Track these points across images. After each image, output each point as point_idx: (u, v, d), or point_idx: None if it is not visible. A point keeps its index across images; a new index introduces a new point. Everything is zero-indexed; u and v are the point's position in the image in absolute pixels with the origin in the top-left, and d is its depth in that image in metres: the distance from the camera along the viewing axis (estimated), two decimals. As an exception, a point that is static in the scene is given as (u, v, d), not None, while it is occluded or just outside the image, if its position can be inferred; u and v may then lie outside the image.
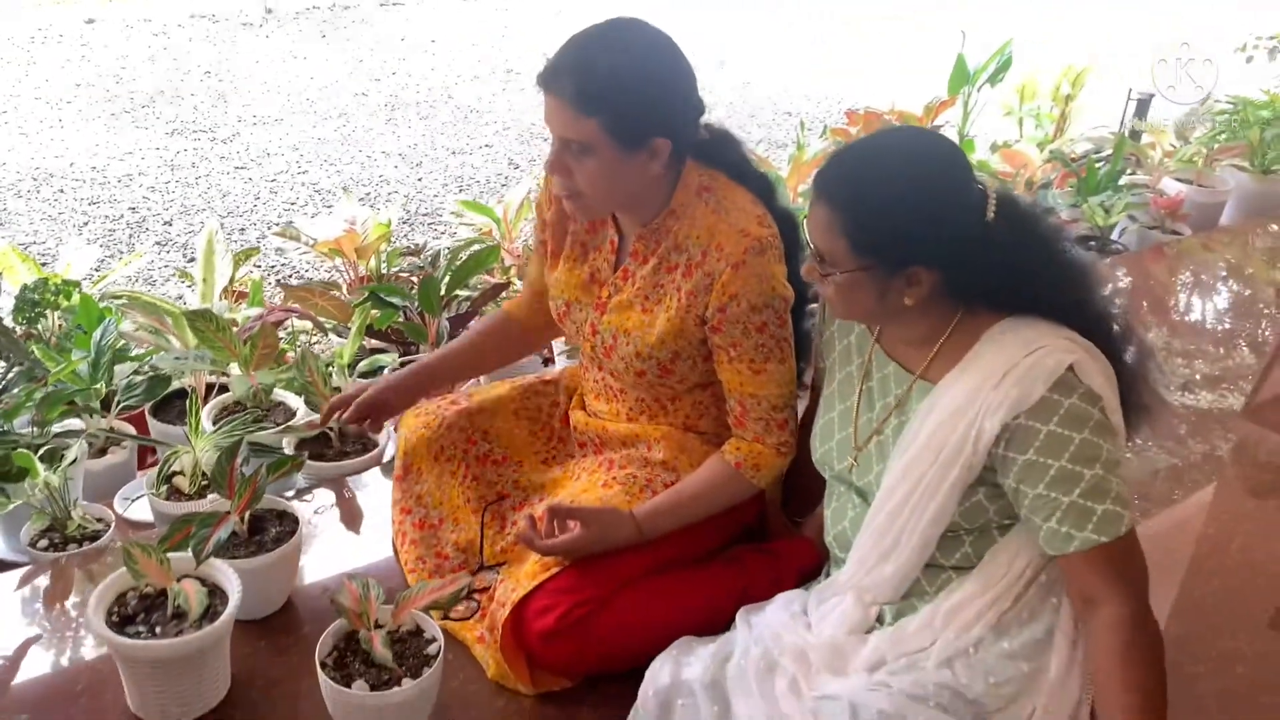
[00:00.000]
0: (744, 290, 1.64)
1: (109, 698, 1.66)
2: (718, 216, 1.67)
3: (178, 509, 2.10)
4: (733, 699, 1.41)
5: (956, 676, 1.37)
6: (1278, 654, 1.93)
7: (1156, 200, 3.98)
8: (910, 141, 1.45)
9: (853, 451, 1.54)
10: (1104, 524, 1.31)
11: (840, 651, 1.46)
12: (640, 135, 1.58)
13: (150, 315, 2.57)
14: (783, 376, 1.72)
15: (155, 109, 5.58)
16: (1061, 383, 1.33)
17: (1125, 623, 1.31)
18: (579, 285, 1.83)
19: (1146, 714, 1.29)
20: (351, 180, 4.92)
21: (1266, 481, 2.51)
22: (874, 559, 1.47)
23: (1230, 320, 3.42)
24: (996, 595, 1.42)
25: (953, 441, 1.37)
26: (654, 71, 1.59)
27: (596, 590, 1.68)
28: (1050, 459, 1.32)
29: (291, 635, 1.82)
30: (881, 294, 1.40)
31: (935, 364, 1.45)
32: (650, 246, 1.73)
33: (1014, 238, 1.38)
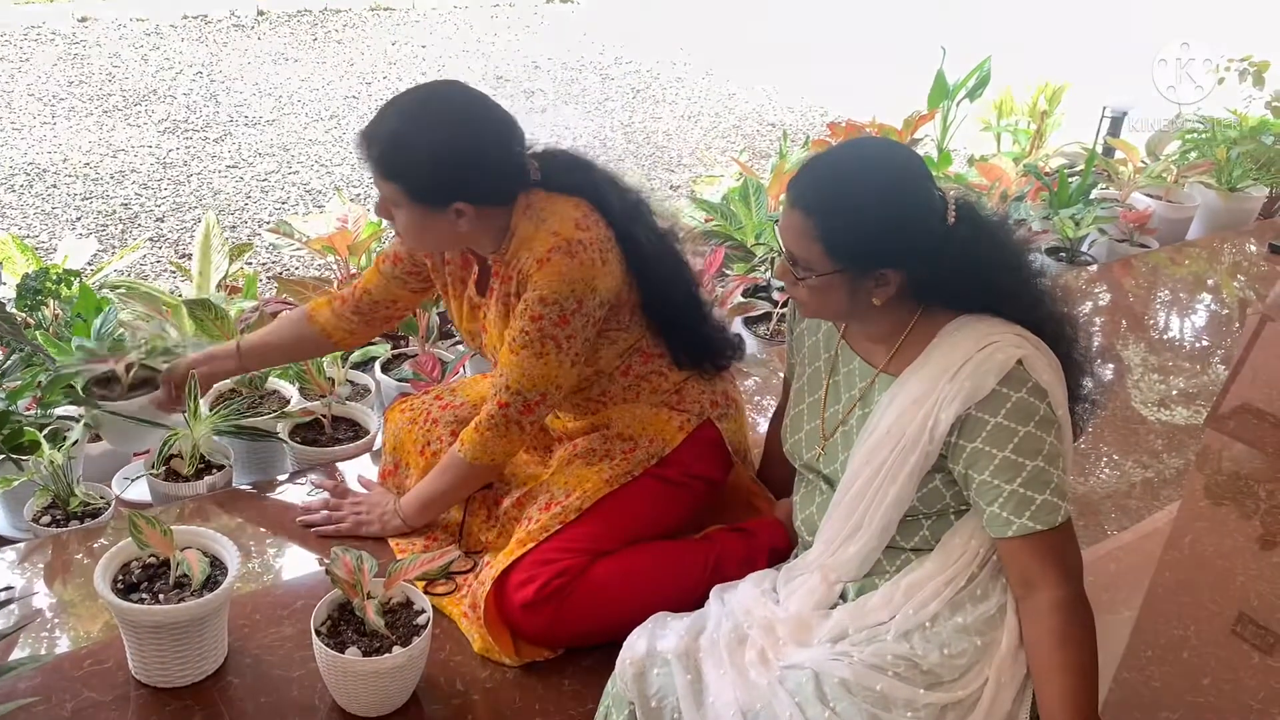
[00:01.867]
0: (541, 283, 1.76)
1: (112, 663, 1.74)
2: (535, 225, 1.79)
3: (176, 489, 2.19)
4: (704, 668, 1.50)
5: (913, 648, 1.46)
6: (1221, 641, 2.04)
7: (1126, 214, 4.10)
8: (876, 151, 1.54)
9: (820, 441, 1.64)
10: (1041, 513, 1.40)
11: (805, 624, 1.54)
12: (439, 200, 1.72)
13: (149, 305, 2.64)
14: (531, 369, 1.81)
15: (147, 107, 5.65)
16: (1010, 376, 1.43)
17: (1059, 607, 1.40)
18: (467, 314, 1.98)
19: (1080, 693, 1.38)
20: (342, 180, 5.00)
21: (1222, 484, 2.62)
22: (839, 540, 1.56)
23: (1201, 335, 3.54)
24: (953, 574, 1.51)
25: (911, 430, 1.47)
26: (454, 140, 1.69)
27: (573, 561, 1.78)
28: (995, 449, 1.42)
29: (286, 607, 1.90)
30: (852, 294, 1.49)
31: (897, 358, 1.55)
32: (507, 271, 1.84)
33: (973, 241, 1.47)
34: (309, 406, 2.47)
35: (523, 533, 1.85)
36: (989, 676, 1.44)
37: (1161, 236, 4.24)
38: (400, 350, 2.86)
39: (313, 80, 6.31)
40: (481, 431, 1.88)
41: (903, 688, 1.41)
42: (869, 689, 1.39)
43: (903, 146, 1.55)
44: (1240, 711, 1.86)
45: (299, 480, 2.29)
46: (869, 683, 1.40)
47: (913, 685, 1.41)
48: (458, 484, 1.96)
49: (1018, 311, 1.50)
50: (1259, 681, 1.93)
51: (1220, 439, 2.82)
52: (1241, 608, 2.14)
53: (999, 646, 1.46)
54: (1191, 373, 3.15)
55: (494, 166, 1.74)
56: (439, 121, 1.70)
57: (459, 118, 1.71)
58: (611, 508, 1.88)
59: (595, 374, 1.94)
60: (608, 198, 1.84)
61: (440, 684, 1.77)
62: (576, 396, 1.98)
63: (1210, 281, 3.94)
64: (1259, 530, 2.42)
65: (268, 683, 1.74)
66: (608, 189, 1.86)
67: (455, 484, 1.96)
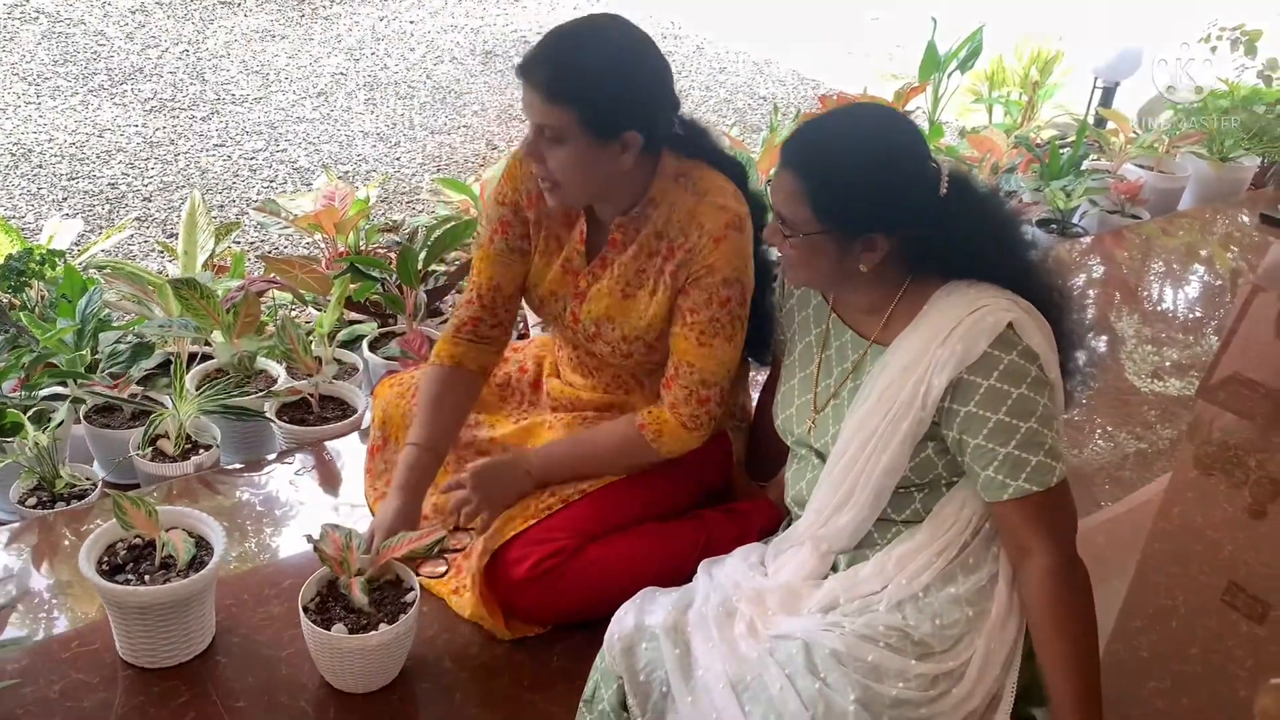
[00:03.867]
0: (721, 263, 1.72)
1: (99, 645, 1.74)
2: (697, 199, 1.73)
3: (162, 470, 2.18)
4: (693, 642, 1.49)
5: (906, 619, 1.46)
6: (1209, 610, 2.04)
7: (1117, 185, 4.09)
8: (874, 117, 1.54)
9: (811, 415, 1.63)
10: (1036, 474, 1.40)
11: (795, 594, 1.54)
12: (612, 127, 1.62)
13: (134, 285, 2.63)
14: (724, 355, 1.78)
15: (133, 86, 5.59)
16: (1001, 339, 1.43)
17: (1054, 571, 1.41)
18: (556, 277, 1.87)
19: (1077, 657, 1.39)
20: (330, 159, 4.96)
21: (1212, 454, 2.62)
22: (830, 509, 1.55)
23: (1193, 306, 3.53)
24: (945, 544, 1.51)
25: (903, 397, 1.46)
26: (628, 66, 1.63)
27: (568, 542, 1.78)
28: (989, 411, 1.42)
29: (274, 586, 1.90)
30: (840, 258, 1.48)
31: (888, 328, 1.54)
32: (629, 235, 1.78)
33: (964, 211, 1.47)
34: (296, 386, 2.46)
35: (526, 508, 1.84)
36: (979, 646, 1.44)
37: (1153, 207, 4.22)
38: (388, 329, 2.85)
39: (300, 57, 6.26)
40: (689, 431, 1.81)
41: (894, 658, 1.41)
42: (860, 660, 1.39)
43: (900, 115, 1.54)
44: (1228, 680, 1.86)
45: (287, 460, 2.28)
46: (860, 653, 1.40)
47: (904, 656, 1.41)
48: (627, 467, 1.87)
49: (1007, 280, 1.50)
50: (1246, 650, 1.94)
51: (1211, 409, 2.82)
52: (1230, 577, 2.14)
53: (989, 616, 1.46)
54: (1184, 344, 3.15)
55: (660, 101, 1.68)
56: (615, 46, 1.63)
57: (632, 43, 1.65)
58: (615, 493, 1.87)
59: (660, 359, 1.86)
60: (740, 171, 1.81)
61: (429, 662, 1.77)
62: (622, 373, 1.93)
63: (1202, 252, 3.93)
64: (1248, 500, 2.42)
65: (256, 662, 1.74)
66: (739, 165, 1.82)
67: (624, 466, 1.87)
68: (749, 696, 1.38)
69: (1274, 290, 3.70)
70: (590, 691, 1.54)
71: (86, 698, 1.65)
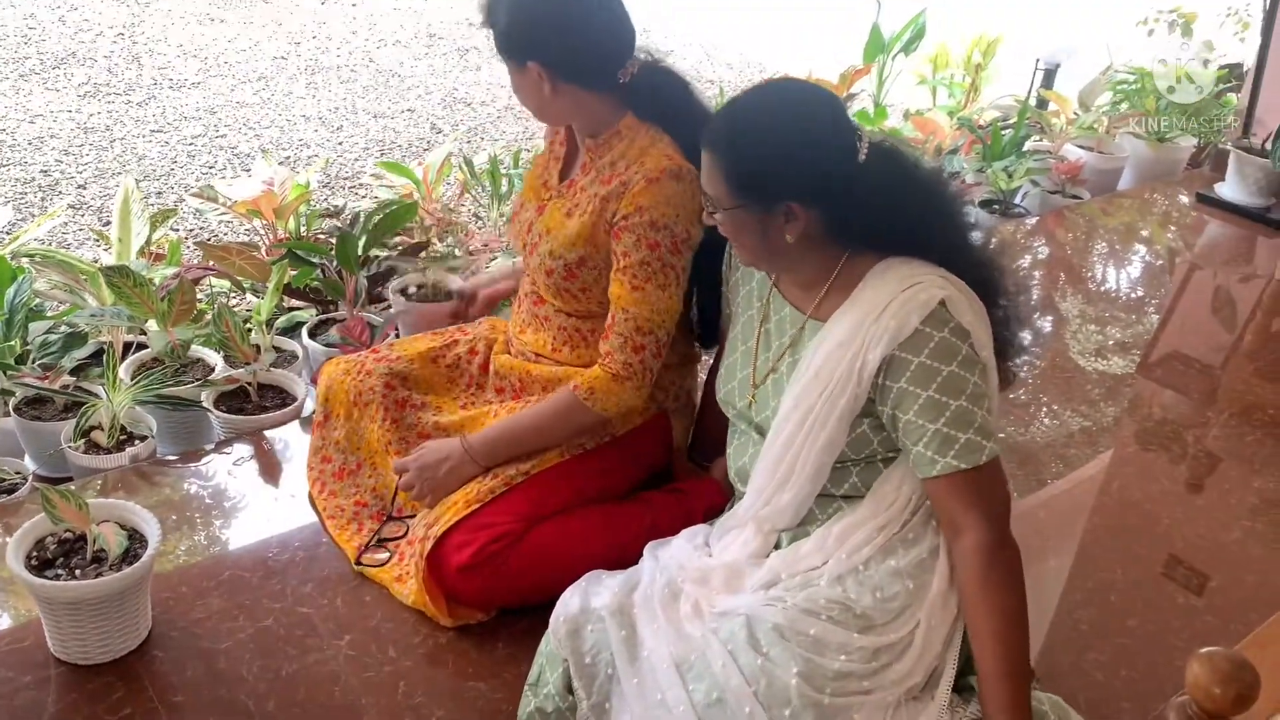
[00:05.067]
0: (650, 204, 1.73)
1: (31, 642, 1.69)
2: (652, 142, 1.79)
3: (95, 462, 2.13)
4: (639, 624, 1.49)
5: (846, 592, 1.46)
6: (1147, 582, 2.08)
7: (1058, 166, 4.13)
8: (784, 90, 1.53)
9: (751, 389, 1.63)
10: (965, 452, 1.41)
11: (738, 572, 1.54)
12: (518, 53, 1.74)
13: (65, 274, 2.56)
14: (658, 302, 1.78)
15: (66, 71, 5.45)
16: (933, 316, 1.43)
17: (985, 548, 1.41)
18: (533, 187, 1.96)
19: (1008, 633, 1.39)
20: (271, 144, 4.87)
21: (1151, 430, 2.66)
22: (771, 488, 1.55)
23: (1133, 285, 3.58)
24: (885, 520, 1.51)
25: (839, 373, 1.46)
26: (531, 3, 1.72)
27: (511, 526, 1.76)
28: (919, 388, 1.42)
29: (213, 579, 1.87)
30: (763, 231, 1.48)
31: (824, 303, 1.54)
32: (594, 160, 1.84)
33: (888, 180, 1.47)
34: (234, 374, 2.42)
35: (468, 493, 1.82)
36: (920, 619, 1.45)
37: (1093, 187, 4.28)
38: (328, 315, 2.80)
39: (239, 41, 6.14)
40: (621, 381, 1.79)
41: (837, 631, 1.41)
42: (802, 634, 1.39)
43: (817, 87, 1.53)
44: (1165, 651, 1.90)
45: (225, 450, 2.24)
46: (803, 627, 1.40)
47: (846, 629, 1.42)
48: (567, 434, 1.87)
49: (940, 257, 1.50)
50: (1183, 622, 1.98)
51: (1150, 386, 2.87)
52: (1167, 550, 2.18)
53: (930, 590, 1.47)
54: (1125, 322, 3.19)
55: (571, 35, 1.73)
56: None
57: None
58: (557, 476, 1.86)
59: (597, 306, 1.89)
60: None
61: (373, 650, 1.75)
62: (576, 314, 1.92)
63: (1142, 232, 3.99)
64: (1185, 475, 2.46)
65: (194, 655, 1.71)
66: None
67: (563, 433, 1.87)
68: (693, 675, 1.38)
69: (1210, 268, 3.77)
70: (535, 675, 1.53)
71: (18, 696, 1.61)
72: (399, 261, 2.81)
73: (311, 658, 1.73)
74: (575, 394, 1.81)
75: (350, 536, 1.95)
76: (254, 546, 1.97)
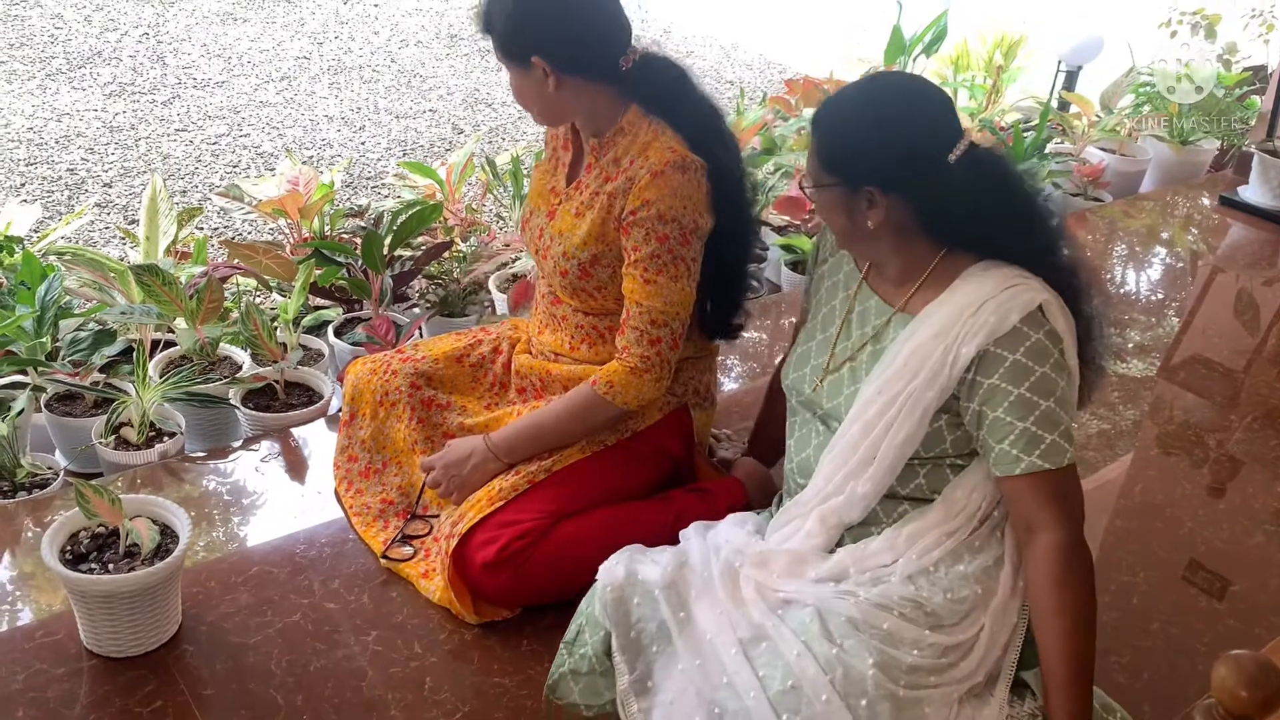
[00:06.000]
0: (657, 198, 1.75)
1: (64, 635, 1.72)
2: (655, 135, 1.80)
3: (125, 458, 2.16)
4: (694, 604, 1.48)
5: (919, 590, 1.47)
6: (1169, 586, 2.08)
7: (1080, 168, 4.12)
8: (891, 80, 1.59)
9: (822, 375, 1.63)
10: (1050, 452, 1.43)
11: (802, 559, 1.54)
12: (521, 54, 1.75)
13: (95, 271, 2.59)
14: (671, 294, 1.80)
15: (92, 70, 5.50)
16: (1031, 318, 1.45)
17: (1061, 549, 1.43)
18: (540, 193, 1.97)
19: (1077, 635, 1.41)
20: (294, 143, 4.91)
21: (1173, 434, 2.66)
22: (841, 476, 1.55)
23: (1155, 288, 3.57)
24: (955, 527, 1.52)
25: (930, 364, 1.47)
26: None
27: (535, 523, 1.78)
28: (1011, 385, 1.43)
29: (241, 574, 1.89)
30: (849, 213, 1.51)
31: (915, 298, 1.55)
32: (599, 159, 1.85)
33: (981, 183, 1.47)
34: (261, 372, 2.44)
35: (491, 491, 1.84)
36: (985, 623, 1.47)
37: (1115, 190, 4.26)
38: (353, 314, 2.83)
39: (262, 41, 6.18)
40: (639, 374, 1.81)
41: (909, 628, 1.42)
42: (876, 627, 1.41)
43: (928, 84, 1.54)
44: (1187, 655, 1.90)
45: (252, 447, 2.27)
46: (876, 621, 1.41)
47: (918, 626, 1.43)
48: (588, 429, 1.89)
49: (1036, 263, 1.51)
50: (1205, 625, 1.98)
51: (1172, 389, 2.86)
52: (1190, 554, 2.18)
53: (995, 596, 1.49)
54: (1146, 325, 3.18)
55: (572, 28, 1.75)
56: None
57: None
58: (580, 472, 1.88)
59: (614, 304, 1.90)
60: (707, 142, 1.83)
61: (399, 646, 1.77)
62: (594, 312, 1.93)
63: (1163, 234, 3.98)
64: (1207, 478, 2.46)
65: (223, 650, 1.73)
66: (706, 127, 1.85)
67: (584, 428, 1.88)
68: (763, 662, 1.39)
69: (1233, 272, 3.75)
70: (573, 634, 1.54)
71: (51, 688, 1.63)
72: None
73: (339, 653, 1.75)
74: (594, 389, 1.83)
75: (376, 533, 1.97)
76: (281, 542, 1.99)
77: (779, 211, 3.51)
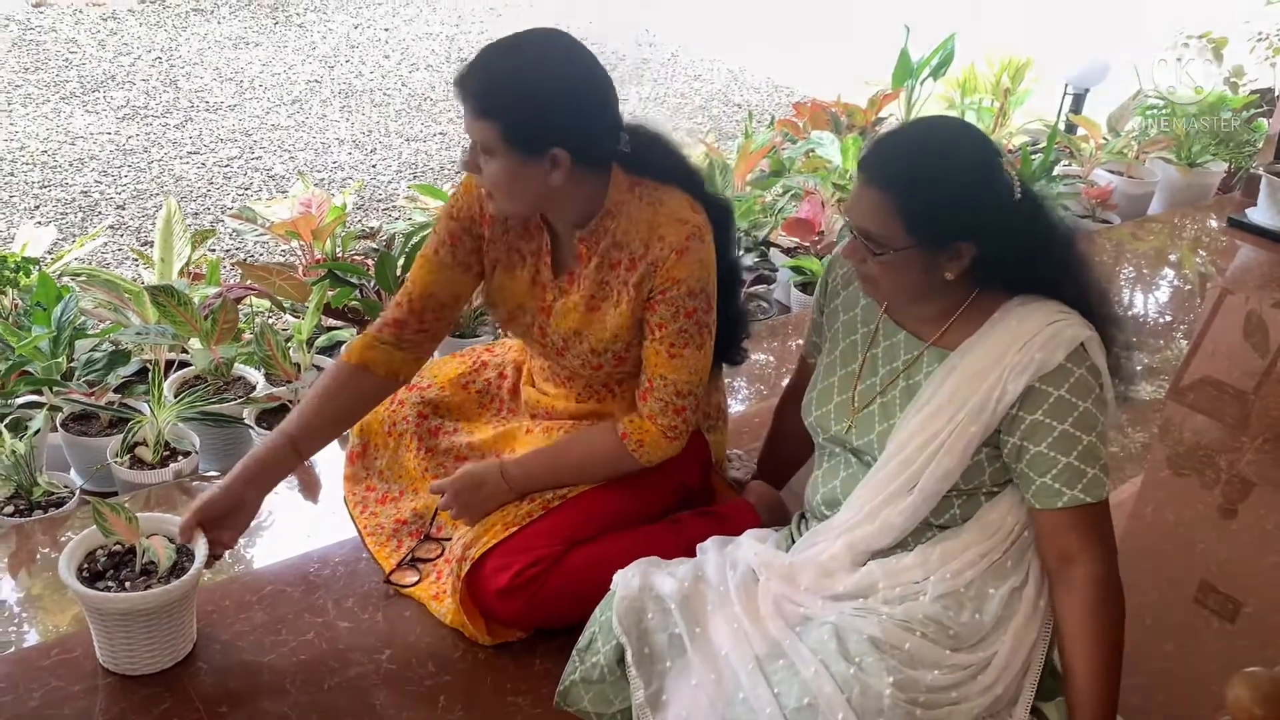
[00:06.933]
0: (686, 276, 1.73)
1: (80, 653, 1.73)
2: (654, 210, 1.74)
3: (140, 477, 2.17)
4: (708, 617, 1.49)
5: (946, 609, 1.48)
6: (1182, 607, 2.08)
7: (1088, 190, 4.14)
8: (949, 129, 1.55)
9: (851, 414, 1.63)
10: (1091, 486, 1.45)
11: (829, 572, 1.54)
12: (537, 144, 1.60)
13: (110, 292, 2.61)
14: (696, 364, 1.79)
15: (106, 93, 5.56)
16: (1075, 354, 1.47)
17: (1100, 580, 1.45)
18: (522, 290, 1.85)
19: (1110, 665, 1.43)
20: (305, 166, 4.95)
21: (1183, 455, 2.65)
22: (875, 504, 1.55)
23: (1163, 310, 3.58)
24: (988, 549, 1.53)
25: (974, 401, 1.48)
26: (557, 83, 1.60)
27: (549, 550, 1.78)
28: (1056, 421, 1.45)
29: (255, 594, 1.90)
30: (928, 269, 1.49)
31: (951, 333, 1.55)
32: (592, 247, 1.78)
33: (1035, 221, 1.50)
34: (275, 392, 2.46)
35: (505, 516, 1.84)
36: (1004, 644, 1.48)
37: (1123, 212, 4.28)
38: (367, 335, 2.84)
39: (274, 65, 6.24)
40: (670, 440, 1.81)
41: (931, 649, 1.43)
42: (897, 647, 1.41)
43: (972, 125, 1.56)
44: (1201, 676, 1.89)
45: (266, 466, 2.27)
46: (897, 641, 1.42)
47: (939, 647, 1.44)
48: (607, 475, 1.87)
49: (1071, 296, 1.52)
50: (1220, 647, 1.97)
51: (1182, 411, 2.86)
52: (1202, 575, 2.17)
53: (1017, 617, 1.50)
54: (1154, 347, 3.19)
55: (593, 119, 1.65)
56: (543, 61, 1.61)
57: (564, 59, 1.62)
58: (595, 499, 1.88)
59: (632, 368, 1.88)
60: (694, 179, 1.81)
61: (413, 665, 1.77)
62: (594, 383, 1.94)
63: (1171, 256, 3.99)
64: (1219, 500, 2.46)
65: (238, 669, 1.74)
66: (694, 173, 1.82)
67: (603, 475, 1.87)
68: (779, 679, 1.40)
69: (1241, 293, 3.76)
70: (586, 641, 1.55)
71: (67, 705, 1.64)
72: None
73: (352, 671, 1.75)
74: (624, 443, 1.82)
75: (390, 553, 1.98)
76: (295, 561, 2.00)
77: (788, 233, 3.53)
